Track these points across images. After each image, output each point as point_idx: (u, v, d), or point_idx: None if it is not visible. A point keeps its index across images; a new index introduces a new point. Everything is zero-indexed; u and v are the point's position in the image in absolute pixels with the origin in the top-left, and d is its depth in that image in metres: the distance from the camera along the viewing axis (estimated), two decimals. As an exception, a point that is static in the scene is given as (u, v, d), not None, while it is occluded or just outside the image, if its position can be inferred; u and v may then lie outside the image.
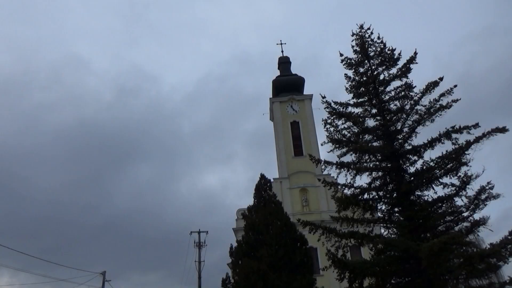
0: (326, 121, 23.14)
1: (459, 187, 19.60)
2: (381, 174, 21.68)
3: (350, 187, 21.74)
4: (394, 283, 19.70)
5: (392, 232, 21.68)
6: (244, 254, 20.27)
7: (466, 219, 19.48)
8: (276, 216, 21.54)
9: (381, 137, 22.21)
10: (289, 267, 19.39)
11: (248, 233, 21.37)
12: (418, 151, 21.14)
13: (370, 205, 21.46)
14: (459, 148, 19.39)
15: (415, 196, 20.86)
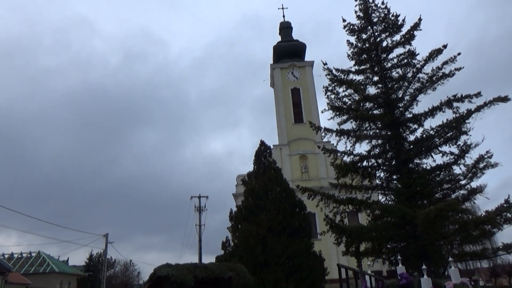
0: (327, 88, 22.97)
1: (458, 156, 19.74)
2: (381, 142, 21.77)
3: (349, 155, 21.89)
4: (389, 248, 20.21)
5: (389, 199, 22.02)
6: (244, 219, 20.65)
7: (463, 187, 19.75)
8: (275, 182, 21.76)
9: (382, 105, 22.13)
10: (288, 232, 19.81)
11: (247, 199, 21.67)
12: (418, 119, 21.13)
13: (369, 172, 21.69)
14: (460, 117, 19.36)
15: (413, 164, 21.05)
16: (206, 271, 15.48)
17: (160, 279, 15.19)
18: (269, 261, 19.06)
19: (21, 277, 40.07)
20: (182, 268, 15.31)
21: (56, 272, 45.42)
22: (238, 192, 39.35)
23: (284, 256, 19.10)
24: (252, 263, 18.90)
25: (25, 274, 42.32)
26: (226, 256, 20.72)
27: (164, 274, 14.75)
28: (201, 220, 40.24)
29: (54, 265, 46.47)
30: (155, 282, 15.80)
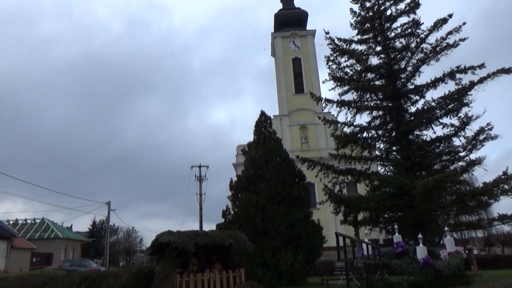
0: (328, 58, 22.72)
1: (458, 128, 19.77)
2: (382, 113, 21.75)
3: (349, 126, 21.93)
4: (386, 217, 20.58)
5: (388, 170, 22.24)
6: (244, 188, 20.86)
7: (462, 158, 19.89)
8: (275, 153, 21.83)
9: (384, 76, 21.96)
10: (287, 201, 20.07)
11: (247, 169, 21.81)
12: (420, 90, 21.02)
13: (369, 143, 21.78)
14: (462, 88, 19.26)
15: (413, 135, 21.11)
16: (207, 238, 15.84)
17: (162, 246, 15.57)
18: (269, 229, 19.42)
19: (26, 242, 41.00)
20: (184, 235, 15.66)
21: (60, 238, 46.44)
22: (238, 162, 39.65)
23: (283, 225, 19.44)
24: (251, 231, 19.28)
25: (30, 240, 43.29)
26: (227, 224, 21.11)
27: (166, 240, 15.11)
28: (202, 189, 40.76)
29: (58, 231, 47.46)
30: (157, 248, 16.21)
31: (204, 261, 16.83)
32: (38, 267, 34.96)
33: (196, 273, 15.64)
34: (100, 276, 12.79)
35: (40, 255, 42.17)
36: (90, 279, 11.90)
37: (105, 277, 13.06)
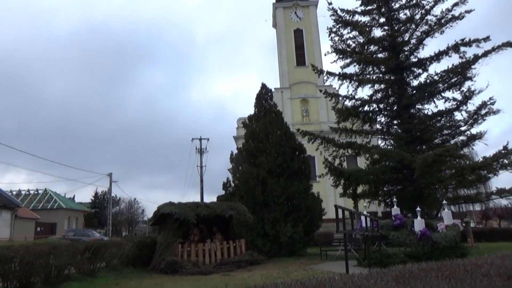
0: (331, 29, 22.32)
1: (461, 102, 19.67)
2: (383, 87, 21.58)
3: (351, 99, 21.81)
4: (386, 190, 20.79)
5: (388, 144, 22.29)
6: (244, 161, 20.97)
7: (463, 133, 19.89)
8: (276, 126, 21.80)
9: (387, 49, 21.65)
10: (287, 174, 20.21)
11: (248, 141, 21.85)
12: (423, 64, 20.79)
13: (370, 117, 21.73)
14: (466, 62, 19.03)
15: (415, 109, 21.03)
16: (208, 210, 16.09)
17: (164, 216, 15.84)
18: (269, 201, 19.66)
19: (30, 212, 41.64)
20: (185, 206, 15.90)
21: (63, 208, 47.11)
22: (238, 135, 39.68)
23: (283, 197, 19.66)
24: (252, 203, 19.53)
25: (34, 210, 43.93)
26: (227, 196, 21.36)
27: (168, 211, 15.35)
28: (202, 162, 40.95)
29: (61, 201, 48.09)
30: (159, 219, 16.50)
31: (205, 232, 17.15)
32: (42, 237, 35.62)
33: (197, 243, 15.97)
34: (104, 245, 13.05)
35: (44, 225, 42.90)
36: (94, 248, 12.15)
37: (108, 246, 13.33)
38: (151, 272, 14.09)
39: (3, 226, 34.31)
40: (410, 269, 3.72)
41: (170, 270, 13.78)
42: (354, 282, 2.98)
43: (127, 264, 14.29)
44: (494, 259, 4.45)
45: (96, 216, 62.71)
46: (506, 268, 3.54)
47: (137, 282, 11.67)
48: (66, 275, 10.92)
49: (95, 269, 12.24)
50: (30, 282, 9.44)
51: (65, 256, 10.65)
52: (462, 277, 3.20)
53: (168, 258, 14.38)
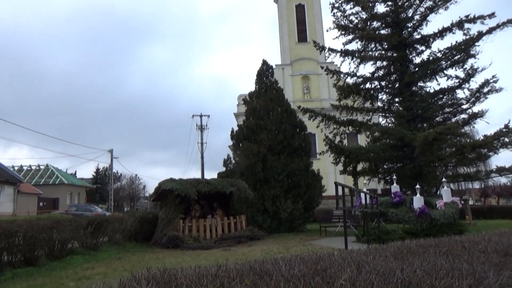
0: (333, 5, 21.92)
1: (463, 80, 19.52)
2: (386, 64, 21.37)
3: (352, 76, 21.63)
4: (386, 168, 20.87)
5: (389, 122, 22.23)
6: (245, 138, 20.99)
7: (464, 111, 19.83)
8: (276, 103, 21.72)
9: (390, 25, 21.30)
10: (288, 151, 20.27)
11: (249, 118, 21.80)
12: (426, 40, 20.50)
13: (371, 94, 21.60)
14: (470, 39, 18.77)
15: (417, 87, 20.88)
16: (208, 186, 16.21)
17: (165, 192, 15.98)
18: (269, 178, 19.79)
19: (32, 187, 41.98)
20: (186, 182, 16.02)
21: (65, 183, 47.44)
22: (239, 112, 39.54)
23: (284, 174, 19.78)
24: (252, 180, 19.67)
25: (36, 185, 44.26)
26: (228, 172, 21.49)
27: (169, 187, 15.48)
28: (203, 139, 41.00)
29: (62, 177, 48.39)
30: (160, 195, 16.65)
31: (206, 208, 17.34)
32: (45, 211, 36.04)
33: (198, 218, 16.17)
34: (106, 220, 13.22)
35: (47, 200, 43.32)
36: (96, 223, 12.31)
37: (110, 221, 13.50)
38: (153, 247, 14.33)
39: (6, 201, 34.67)
40: (408, 245, 3.78)
41: (171, 244, 14.00)
42: (353, 258, 3.03)
43: (129, 238, 14.52)
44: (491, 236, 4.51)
45: (98, 192, 63.27)
46: (503, 245, 3.59)
47: (139, 256, 11.89)
48: (69, 249, 11.12)
49: (97, 244, 12.43)
50: (34, 255, 9.62)
51: (68, 231, 10.81)
52: (460, 254, 3.25)
53: (169, 233, 14.59)
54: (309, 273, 2.37)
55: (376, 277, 2.23)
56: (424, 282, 2.18)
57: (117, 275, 7.81)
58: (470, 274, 2.37)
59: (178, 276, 2.30)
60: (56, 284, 7.58)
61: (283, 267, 2.52)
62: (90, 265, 10.04)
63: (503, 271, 2.50)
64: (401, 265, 2.61)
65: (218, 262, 2.80)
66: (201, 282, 2.14)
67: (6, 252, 8.92)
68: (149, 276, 2.32)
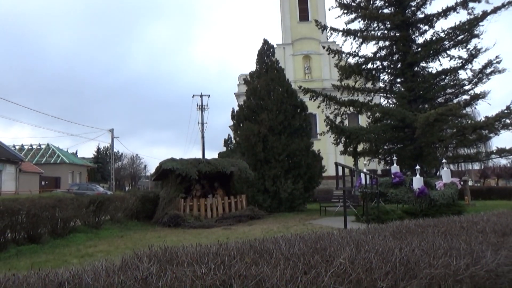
0: (336, -18, 21.51)
1: (466, 60, 19.32)
2: (388, 44, 21.11)
3: (354, 56, 21.40)
4: (386, 149, 20.89)
5: (391, 102, 22.12)
6: (246, 118, 20.94)
7: (466, 92, 19.69)
8: (277, 83, 21.56)
9: (393, 4, 20.94)
10: (288, 131, 20.25)
11: (249, 98, 21.70)
12: (430, 20, 20.19)
13: (373, 75, 21.42)
14: (474, 18, 18.48)
15: (419, 67, 20.69)
16: (209, 166, 16.28)
17: (166, 172, 16.06)
18: (269, 158, 19.84)
19: (33, 166, 42.18)
20: (186, 162, 16.08)
21: (66, 163, 47.63)
22: (240, 92, 39.30)
23: (284, 154, 19.82)
24: (253, 160, 19.73)
25: (37, 164, 44.47)
26: (228, 152, 21.53)
27: (170, 167, 15.55)
28: (203, 118, 40.91)
29: (64, 156, 48.55)
30: (161, 175, 16.74)
31: (206, 187, 17.46)
32: (47, 190, 36.32)
33: (199, 198, 16.31)
34: (108, 199, 13.33)
35: (48, 179, 43.60)
36: (98, 202, 12.42)
37: (112, 200, 13.62)
38: (154, 225, 14.50)
39: (8, 179, 34.89)
40: (407, 225, 3.82)
41: (173, 223, 14.16)
42: (352, 237, 3.07)
43: (131, 217, 14.68)
44: (490, 216, 4.56)
45: (99, 171, 63.60)
46: (501, 225, 3.63)
47: (141, 234, 12.04)
48: (72, 227, 11.26)
49: (100, 222, 12.58)
50: (38, 233, 9.75)
51: (70, 209, 10.92)
52: (458, 233, 3.28)
53: (170, 212, 14.73)
54: (309, 252, 2.41)
55: (375, 256, 2.26)
56: (422, 261, 2.21)
57: (119, 252, 7.93)
58: (468, 254, 2.40)
59: (179, 254, 2.34)
60: (59, 261, 7.70)
61: (283, 246, 2.55)
62: (92, 242, 10.19)
63: (501, 251, 2.53)
64: (400, 245, 2.64)
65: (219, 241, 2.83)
66: (203, 260, 2.18)
67: (10, 230, 9.04)
68: (151, 254, 2.35)
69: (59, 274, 1.99)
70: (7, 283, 1.86)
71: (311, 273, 1.92)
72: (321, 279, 1.84)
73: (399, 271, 2.03)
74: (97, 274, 1.93)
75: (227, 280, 1.80)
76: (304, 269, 2.01)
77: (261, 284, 1.78)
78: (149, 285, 1.73)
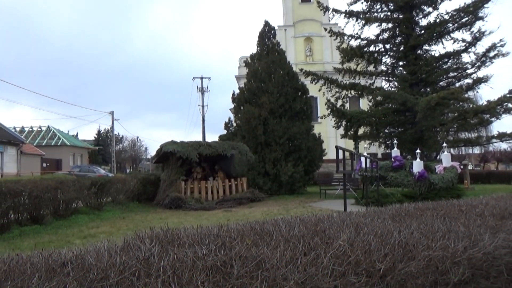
0: (340, -37, 21.14)
1: (470, 43, 19.12)
2: (391, 26, 20.85)
3: (356, 38, 21.17)
4: (387, 133, 20.87)
5: (392, 86, 22.01)
6: (246, 101, 20.87)
7: (469, 76, 19.55)
8: (278, 65, 21.41)
9: (397, -16, 20.60)
10: (289, 114, 20.21)
11: (250, 81, 21.58)
12: (434, 1, 19.91)
13: (375, 57, 21.22)
14: (479, 0, 18.21)
15: (422, 50, 20.49)
16: (210, 149, 16.31)
17: (167, 154, 16.10)
18: (270, 141, 19.86)
19: (35, 148, 42.27)
20: (187, 145, 16.11)
21: (67, 145, 47.70)
22: (240, 74, 39.05)
23: (285, 137, 19.83)
24: (253, 143, 19.75)
25: (38, 146, 44.53)
26: (229, 135, 21.51)
27: (170, 150, 15.59)
28: (204, 101, 40.82)
29: (64, 138, 48.59)
30: (162, 157, 16.79)
31: (207, 170, 17.54)
32: (48, 172, 36.47)
33: (200, 180, 16.40)
34: (109, 181, 13.41)
35: (50, 161, 43.73)
36: (100, 184, 12.50)
37: (113, 182, 13.70)
38: (156, 207, 14.63)
39: (10, 161, 35.03)
40: (406, 208, 3.84)
41: (174, 205, 14.27)
42: (352, 220, 3.10)
43: (132, 199, 14.79)
44: (488, 200, 4.58)
45: (100, 153, 63.76)
46: (500, 209, 3.65)
47: (143, 216, 12.15)
48: (74, 209, 11.36)
49: (101, 204, 12.68)
50: (40, 214, 9.85)
51: (72, 191, 11.00)
52: (457, 216, 3.31)
53: (172, 194, 14.83)
54: (309, 234, 2.43)
55: (374, 238, 2.29)
56: (420, 244, 2.23)
57: (121, 233, 8.02)
58: (466, 237, 2.42)
59: (181, 236, 2.36)
60: (62, 241, 7.80)
61: (283, 228, 2.58)
62: (94, 224, 10.30)
63: (498, 234, 2.56)
64: (399, 227, 2.67)
65: (220, 223, 2.86)
66: (203, 241, 2.20)
67: (13, 211, 9.13)
68: (152, 235, 2.38)
69: (62, 254, 2.01)
70: (11, 263, 1.89)
71: (311, 255, 1.95)
72: (320, 261, 1.87)
73: (398, 253, 2.05)
74: (99, 254, 1.95)
75: (228, 261, 1.82)
76: (304, 251, 2.03)
77: (261, 265, 1.80)
78: (151, 265, 1.75)
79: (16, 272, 1.76)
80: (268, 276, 1.70)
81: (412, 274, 1.96)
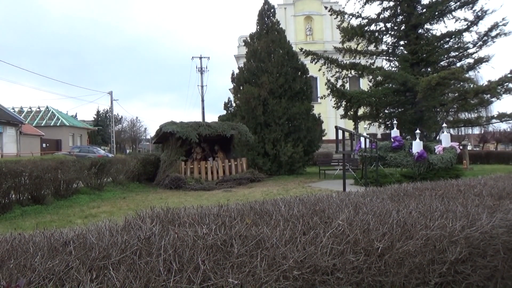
0: None
1: (472, 22, 18.87)
2: (392, 4, 20.54)
3: (357, 17, 20.88)
4: (387, 113, 20.82)
5: (393, 66, 21.83)
6: (246, 81, 20.72)
7: (470, 55, 19.37)
8: (278, 45, 21.16)
9: (400, -39, 20.19)
10: (289, 94, 20.10)
11: (249, 61, 21.37)
12: (436, -21, 19.53)
13: (376, 37, 20.98)
14: (483, -23, 17.90)
15: (423, 29, 20.24)
16: (209, 129, 16.30)
17: (166, 135, 16.10)
18: (270, 121, 19.82)
19: (34, 129, 42.19)
20: (187, 125, 16.08)
21: (66, 125, 47.59)
22: (240, 54, 38.68)
23: (284, 117, 19.78)
24: (253, 123, 19.72)
25: (37, 127, 44.42)
26: (228, 116, 21.45)
27: (170, 130, 15.57)
28: (203, 81, 40.55)
29: (63, 119, 48.43)
30: (162, 137, 16.80)
31: (207, 150, 17.57)
32: (48, 152, 36.51)
33: (199, 161, 16.45)
34: (109, 161, 13.44)
35: (49, 141, 43.71)
36: (100, 164, 12.53)
37: (113, 162, 13.74)
38: (156, 187, 14.72)
39: (9, 142, 35.03)
40: (405, 188, 3.86)
41: (174, 185, 14.35)
42: (351, 199, 3.12)
43: (133, 179, 14.86)
44: (487, 180, 4.61)
45: (100, 134, 63.71)
46: (498, 189, 3.68)
47: (143, 196, 12.24)
48: (75, 189, 11.43)
49: (102, 184, 12.75)
50: (41, 194, 9.91)
51: (72, 171, 11.04)
52: (455, 196, 3.33)
53: (172, 174, 14.90)
54: (308, 214, 2.46)
55: (373, 218, 2.31)
56: (418, 223, 2.26)
57: (122, 213, 8.09)
58: (464, 216, 2.45)
59: (181, 215, 2.39)
60: (64, 221, 7.87)
61: (283, 208, 2.60)
62: (95, 203, 10.38)
63: (496, 214, 2.59)
64: (397, 207, 2.69)
65: (220, 202, 2.88)
66: (204, 221, 2.22)
67: (14, 191, 9.18)
68: (153, 215, 2.40)
69: (64, 234, 2.04)
70: (14, 242, 1.92)
71: (310, 234, 1.97)
72: (319, 240, 1.89)
73: (396, 232, 2.08)
74: (101, 233, 1.98)
75: (228, 240, 1.85)
76: (303, 230, 2.05)
77: (261, 244, 1.83)
78: (152, 245, 1.78)
79: (19, 251, 1.79)
80: (267, 254, 1.72)
81: (410, 253, 1.99)
